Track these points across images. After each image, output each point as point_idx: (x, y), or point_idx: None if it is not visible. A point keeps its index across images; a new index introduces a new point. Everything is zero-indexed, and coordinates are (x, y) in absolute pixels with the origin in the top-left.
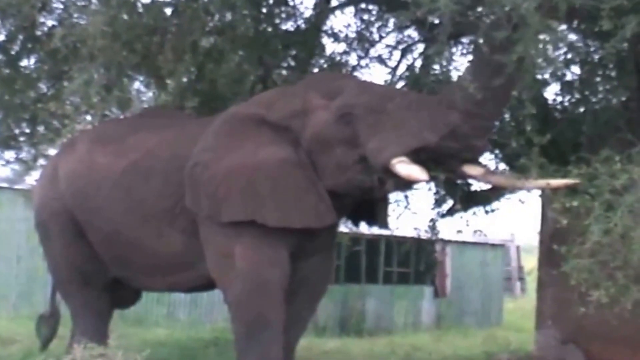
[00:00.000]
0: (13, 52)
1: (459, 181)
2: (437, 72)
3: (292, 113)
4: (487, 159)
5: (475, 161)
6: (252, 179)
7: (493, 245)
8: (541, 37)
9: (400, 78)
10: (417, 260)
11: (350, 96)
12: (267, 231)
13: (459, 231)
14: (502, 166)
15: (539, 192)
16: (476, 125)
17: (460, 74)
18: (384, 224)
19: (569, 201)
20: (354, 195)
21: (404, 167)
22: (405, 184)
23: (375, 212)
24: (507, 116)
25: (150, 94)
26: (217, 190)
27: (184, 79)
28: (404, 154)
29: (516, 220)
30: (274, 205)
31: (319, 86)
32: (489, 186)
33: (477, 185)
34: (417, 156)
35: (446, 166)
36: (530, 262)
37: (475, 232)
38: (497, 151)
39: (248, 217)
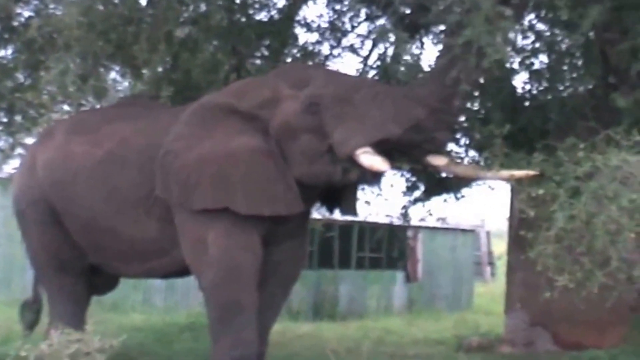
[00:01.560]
0: None
1: None
2: (408, 61)
3: (262, 103)
4: (456, 148)
5: (439, 152)
6: (222, 167)
7: (463, 230)
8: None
9: (372, 68)
10: (389, 246)
11: (318, 86)
12: (239, 217)
13: (429, 213)
14: (473, 154)
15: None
16: (440, 119)
17: (431, 63)
18: (352, 211)
19: (535, 190)
20: (321, 183)
21: (367, 158)
22: (371, 174)
23: (343, 199)
24: (475, 105)
25: (125, 83)
26: (188, 179)
27: (159, 69)
28: (367, 144)
29: (486, 206)
30: (244, 193)
31: (288, 76)
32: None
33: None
34: (381, 147)
35: (410, 157)
36: (500, 247)
37: (438, 219)
38: (465, 140)
39: (218, 204)
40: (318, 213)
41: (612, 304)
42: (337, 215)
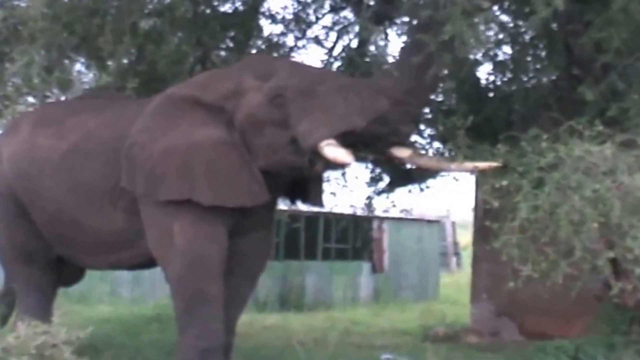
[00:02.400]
0: None
1: None
2: (372, 52)
3: (226, 94)
4: (420, 139)
5: (403, 144)
6: (187, 159)
7: (429, 221)
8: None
9: (336, 59)
10: (355, 237)
11: (283, 78)
12: (204, 209)
13: (393, 205)
14: (437, 145)
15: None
16: (404, 111)
17: (396, 54)
18: (318, 202)
19: (498, 181)
20: (286, 175)
21: (331, 150)
22: (335, 166)
23: (309, 190)
24: (439, 96)
25: (91, 75)
26: (153, 170)
27: (124, 61)
28: (331, 136)
29: (451, 197)
30: (209, 184)
31: (252, 68)
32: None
33: None
34: (345, 139)
35: (374, 148)
36: (466, 238)
37: (402, 211)
38: (429, 131)
39: (183, 196)
40: (284, 204)
41: (578, 294)
42: (303, 206)
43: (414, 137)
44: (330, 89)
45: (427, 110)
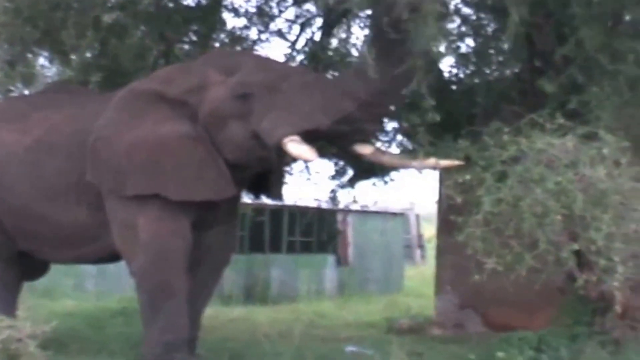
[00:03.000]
0: None
1: None
2: (335, 46)
3: (191, 89)
4: (383, 134)
5: (366, 141)
6: (153, 153)
7: (393, 214)
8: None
9: (299, 53)
10: (320, 230)
11: (247, 73)
12: (169, 203)
13: (354, 200)
14: (401, 138)
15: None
16: (371, 112)
17: (358, 48)
18: (278, 196)
19: (461, 176)
20: (252, 168)
21: (295, 147)
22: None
23: (270, 184)
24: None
25: (54, 69)
26: (119, 165)
27: (87, 55)
28: (295, 134)
29: (415, 189)
30: (176, 179)
31: (217, 62)
32: None
33: None
34: (309, 135)
35: (338, 145)
36: (430, 231)
37: (362, 206)
38: (393, 125)
39: (151, 190)
40: (248, 197)
41: (541, 286)
42: (267, 199)
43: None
44: (295, 85)
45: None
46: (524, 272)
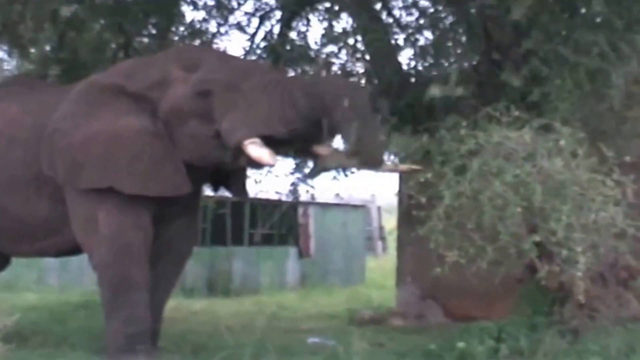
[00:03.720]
0: None
1: None
2: (294, 39)
3: (151, 84)
4: None
5: (325, 143)
6: (110, 147)
7: (354, 206)
8: None
9: (258, 47)
10: (281, 222)
11: (209, 71)
12: (129, 196)
13: (311, 194)
14: None
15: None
16: (331, 119)
17: (317, 41)
18: (241, 193)
19: (422, 175)
20: (210, 167)
21: (255, 150)
22: (258, 164)
23: (233, 180)
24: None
25: (13, 62)
26: (75, 157)
27: (46, 48)
28: (252, 137)
29: (376, 181)
30: (130, 173)
31: (179, 58)
32: None
33: None
34: (267, 140)
35: (297, 147)
36: (391, 222)
37: (315, 199)
38: None
39: (105, 184)
40: (210, 190)
41: (501, 277)
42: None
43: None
44: (256, 86)
45: None
46: (485, 265)
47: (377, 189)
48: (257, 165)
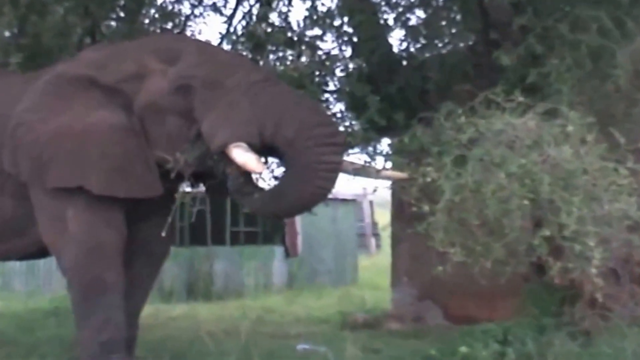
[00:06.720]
0: None
1: None
2: (275, 21)
3: (126, 76)
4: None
5: None
6: (79, 143)
7: (344, 200)
8: None
9: (236, 30)
10: (266, 219)
11: (190, 64)
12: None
13: None
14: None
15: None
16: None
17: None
18: (220, 191)
19: (421, 175)
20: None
21: (240, 155)
22: (243, 171)
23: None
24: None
25: None
26: (41, 154)
27: (6, 34)
28: (235, 141)
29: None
30: (100, 171)
31: (156, 48)
32: None
33: None
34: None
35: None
36: (385, 218)
37: None
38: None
39: (74, 183)
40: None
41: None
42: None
43: None
44: (240, 84)
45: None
46: (489, 265)
47: (369, 182)
48: (242, 171)
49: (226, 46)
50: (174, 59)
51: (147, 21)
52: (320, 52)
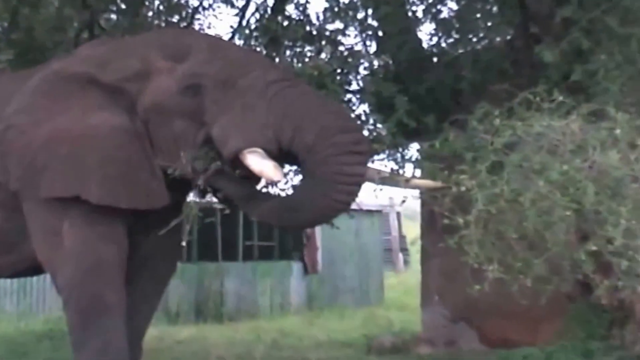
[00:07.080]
0: None
1: None
2: (292, 14)
3: (130, 74)
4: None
5: None
6: (77, 148)
7: (369, 211)
8: None
9: (249, 24)
10: (282, 232)
11: (200, 62)
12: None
13: None
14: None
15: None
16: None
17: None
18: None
19: (454, 184)
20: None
21: (256, 162)
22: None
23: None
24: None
25: None
26: (34, 160)
27: None
28: (249, 147)
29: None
30: (99, 179)
31: (162, 44)
32: None
33: None
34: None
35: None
36: (414, 230)
37: None
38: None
39: (69, 192)
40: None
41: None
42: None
43: None
44: (255, 85)
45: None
46: (529, 283)
47: (397, 192)
48: (258, 179)
49: (238, 41)
50: (181, 56)
51: (150, 14)
52: (342, 48)
